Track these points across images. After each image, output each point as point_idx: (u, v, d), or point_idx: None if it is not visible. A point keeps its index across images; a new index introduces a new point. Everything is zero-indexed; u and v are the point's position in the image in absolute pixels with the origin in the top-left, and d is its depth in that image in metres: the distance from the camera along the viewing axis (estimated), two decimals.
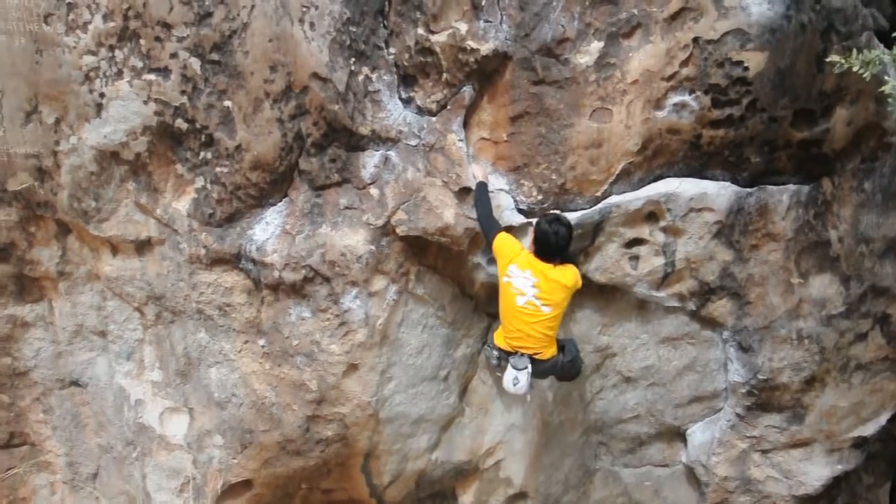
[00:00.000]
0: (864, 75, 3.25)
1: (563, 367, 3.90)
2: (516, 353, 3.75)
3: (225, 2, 3.64)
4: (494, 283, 3.95)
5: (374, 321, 3.95)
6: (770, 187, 3.96)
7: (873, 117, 3.92)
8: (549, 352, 3.78)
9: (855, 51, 3.35)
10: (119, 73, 3.76)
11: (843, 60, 3.33)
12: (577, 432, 4.61)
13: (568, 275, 3.66)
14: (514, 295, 3.62)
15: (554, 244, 3.58)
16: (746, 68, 3.63)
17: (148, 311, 4.23)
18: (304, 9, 3.63)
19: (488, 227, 3.73)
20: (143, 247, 4.08)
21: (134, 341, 4.32)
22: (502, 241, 3.67)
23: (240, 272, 4.03)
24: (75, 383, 4.39)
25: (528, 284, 3.59)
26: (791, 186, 3.98)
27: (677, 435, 4.65)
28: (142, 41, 3.71)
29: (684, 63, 3.65)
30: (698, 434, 4.56)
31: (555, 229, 3.58)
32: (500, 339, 3.85)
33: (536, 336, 3.70)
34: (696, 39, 3.62)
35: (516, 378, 3.73)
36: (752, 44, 3.60)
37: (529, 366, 3.73)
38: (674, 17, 3.62)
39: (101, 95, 3.78)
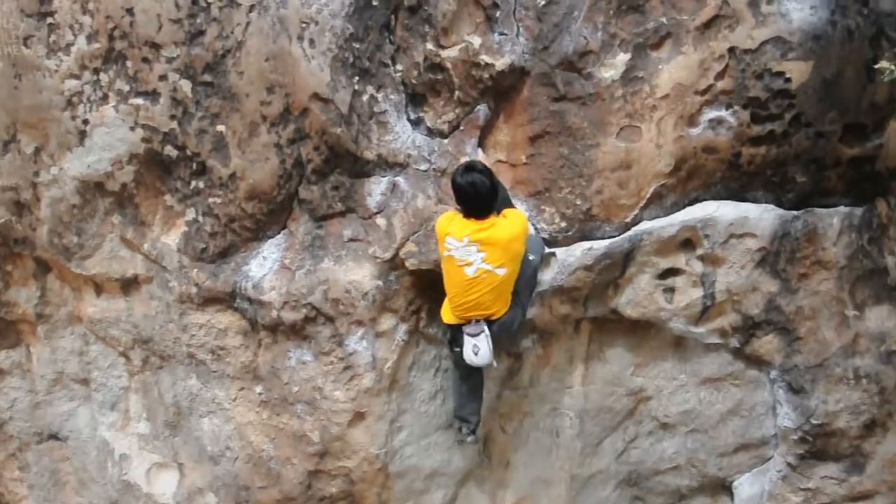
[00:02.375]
0: None
1: (520, 323, 3.63)
2: (469, 321, 3.48)
3: (218, 19, 3.59)
4: None
5: (382, 364, 3.84)
6: (818, 210, 3.79)
7: None
8: (505, 308, 3.51)
9: None
10: (104, 98, 3.73)
11: (892, 67, 3.18)
12: (609, 486, 4.40)
13: (513, 220, 3.37)
14: (460, 267, 3.36)
15: (474, 195, 3.29)
16: (788, 80, 3.51)
17: (134, 355, 4.14)
18: (304, 25, 3.55)
19: None
20: (129, 285, 4.01)
21: (119, 389, 4.24)
22: (442, 217, 3.46)
23: (234, 312, 3.95)
24: (54, 437, 4.31)
25: (471, 251, 3.32)
26: (842, 208, 3.81)
27: (722, 488, 4.41)
28: (128, 63, 3.68)
29: (720, 75, 3.53)
30: (746, 486, 4.32)
31: (470, 179, 3.27)
32: (447, 315, 3.57)
33: (493, 299, 3.44)
34: (731, 49, 3.50)
35: (475, 346, 3.46)
36: (794, 53, 3.48)
37: (486, 328, 3.47)
38: (707, 25, 3.50)
39: (85, 122, 3.75)
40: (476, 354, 3.48)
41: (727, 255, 3.77)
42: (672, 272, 3.83)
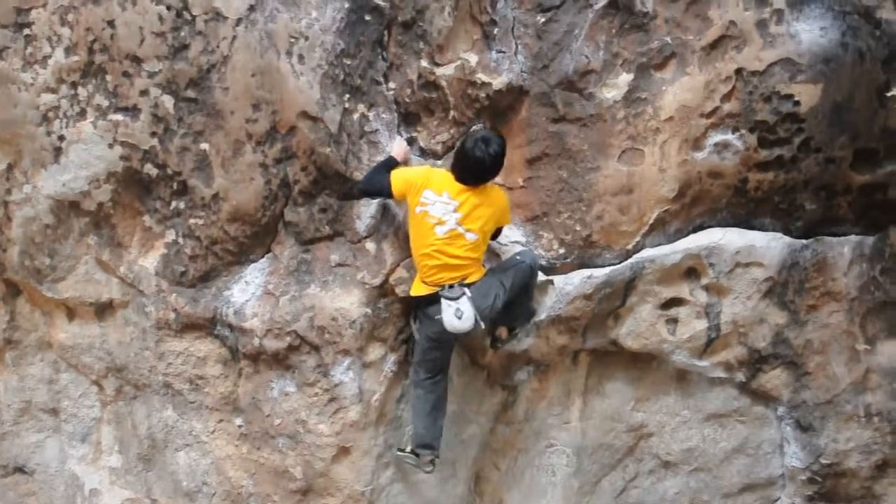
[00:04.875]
0: None
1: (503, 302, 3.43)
2: (443, 287, 3.36)
3: (203, 33, 3.52)
4: (511, 353, 3.79)
5: (370, 396, 3.74)
6: (829, 238, 3.76)
7: None
8: (478, 274, 3.43)
9: None
10: (82, 113, 3.66)
11: None
12: None
13: (495, 194, 3.35)
14: (431, 226, 3.30)
15: (482, 169, 3.24)
16: (797, 103, 3.47)
17: (107, 384, 4.07)
18: (293, 40, 3.48)
19: (378, 179, 3.37)
20: (103, 310, 3.94)
21: (90, 420, 4.17)
22: (402, 175, 3.35)
23: (214, 339, 3.88)
24: (20, 470, 4.26)
25: (448, 210, 3.28)
26: (853, 237, 3.77)
27: None
28: (108, 77, 3.61)
29: (726, 97, 3.51)
30: None
31: (489, 151, 3.21)
32: (418, 287, 3.47)
33: (459, 261, 3.35)
34: (739, 71, 3.47)
35: (458, 309, 3.32)
36: (803, 75, 3.44)
37: (466, 290, 3.35)
38: (713, 45, 3.48)
39: (61, 138, 3.67)
40: (459, 318, 3.31)
41: (733, 285, 3.73)
42: (675, 302, 3.80)
